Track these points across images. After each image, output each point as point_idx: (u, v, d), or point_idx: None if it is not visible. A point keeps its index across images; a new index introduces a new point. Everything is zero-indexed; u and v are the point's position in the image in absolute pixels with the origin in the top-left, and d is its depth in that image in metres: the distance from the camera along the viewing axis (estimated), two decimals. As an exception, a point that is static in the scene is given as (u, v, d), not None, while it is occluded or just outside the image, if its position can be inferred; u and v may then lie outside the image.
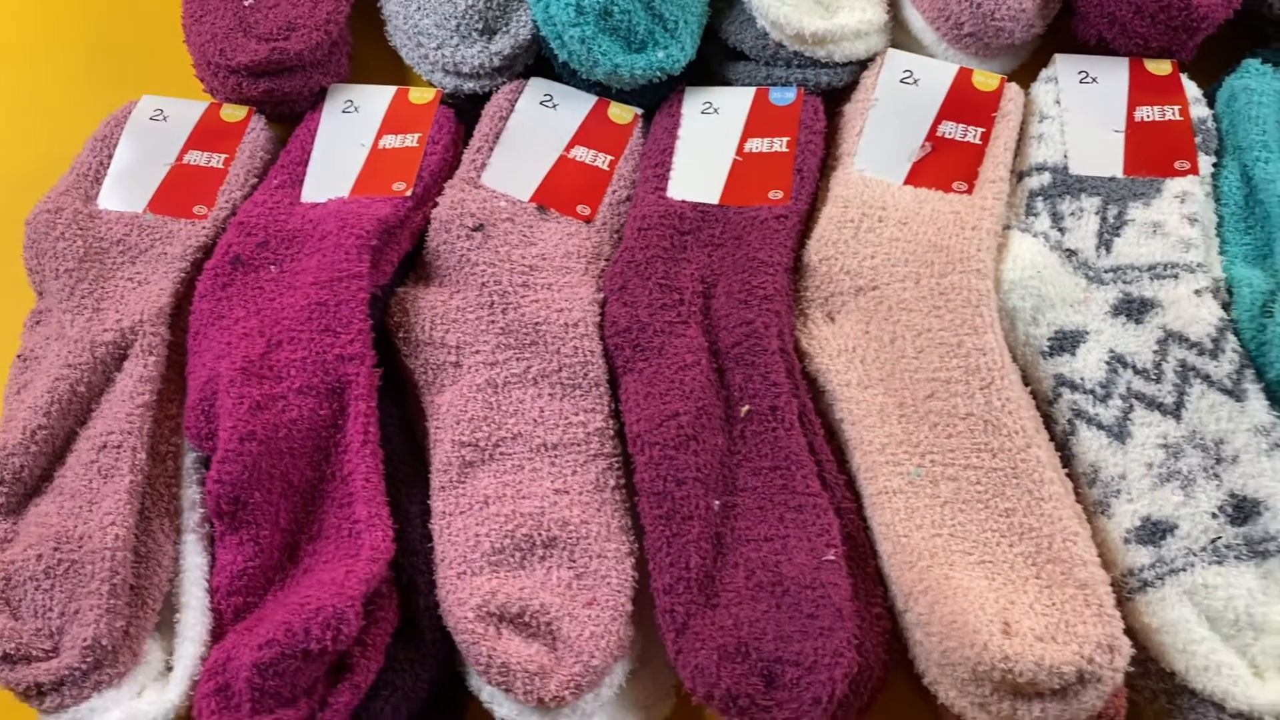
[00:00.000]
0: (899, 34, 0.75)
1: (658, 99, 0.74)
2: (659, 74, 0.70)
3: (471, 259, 0.66)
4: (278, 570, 0.60)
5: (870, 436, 0.61)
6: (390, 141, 0.71)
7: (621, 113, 0.73)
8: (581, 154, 0.71)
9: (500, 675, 0.55)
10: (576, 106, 0.72)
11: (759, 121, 0.71)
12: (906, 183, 0.68)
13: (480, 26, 0.72)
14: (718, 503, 0.58)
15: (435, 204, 0.68)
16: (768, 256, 0.65)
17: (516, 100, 0.72)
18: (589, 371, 0.63)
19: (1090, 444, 0.60)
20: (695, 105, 0.73)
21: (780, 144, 0.70)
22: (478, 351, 0.64)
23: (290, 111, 0.74)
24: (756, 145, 0.70)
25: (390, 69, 0.78)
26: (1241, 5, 0.73)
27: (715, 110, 0.72)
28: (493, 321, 0.64)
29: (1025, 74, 0.74)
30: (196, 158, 0.72)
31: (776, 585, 0.55)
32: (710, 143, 0.71)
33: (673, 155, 0.71)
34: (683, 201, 0.68)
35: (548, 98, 0.72)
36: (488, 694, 0.56)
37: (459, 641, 0.56)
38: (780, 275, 0.65)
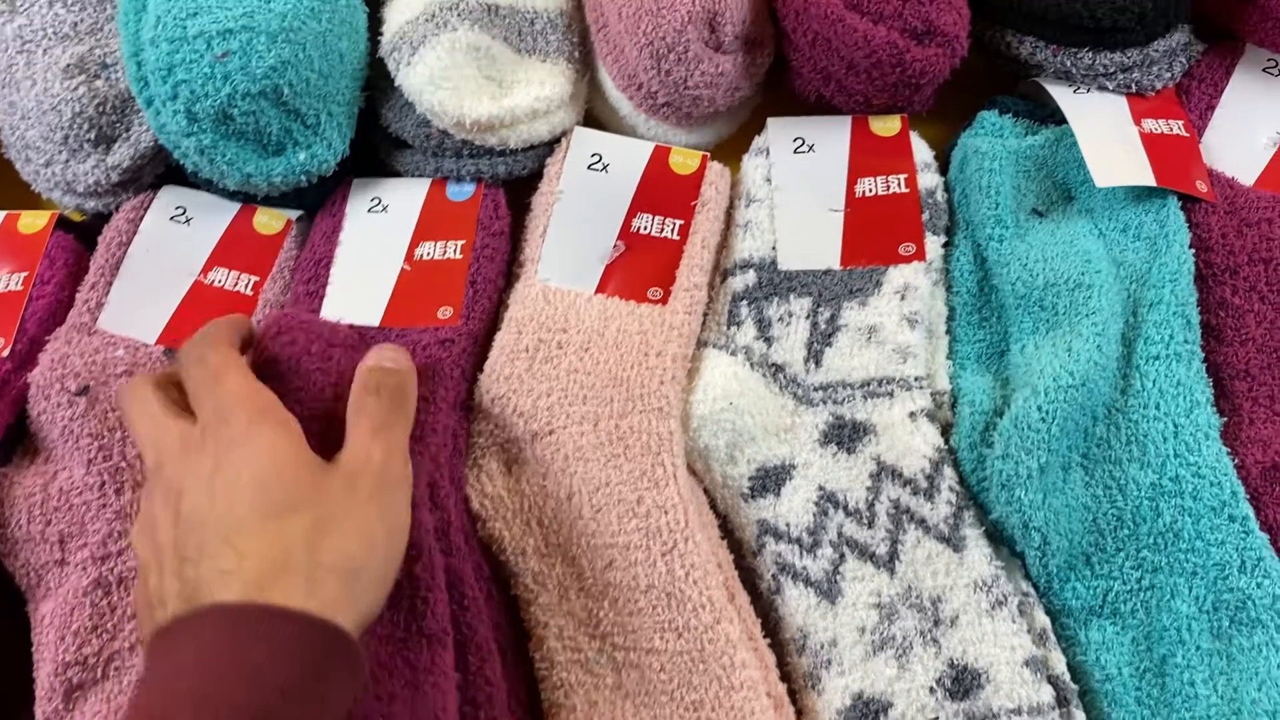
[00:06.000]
0: (597, 100, 0.65)
1: (321, 196, 0.63)
2: (303, 178, 0.60)
3: (76, 430, 0.55)
4: None
5: (546, 619, 0.52)
6: (-8, 284, 0.60)
7: (270, 221, 0.62)
8: (221, 277, 0.60)
9: None
10: (215, 218, 0.61)
11: (432, 221, 0.61)
12: (598, 291, 0.58)
13: (92, 136, 0.60)
14: None
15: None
16: (428, 390, 0.55)
17: (141, 218, 0.61)
18: (217, 561, 0.53)
19: (797, 604, 0.52)
20: (361, 202, 0.62)
21: (454, 249, 0.60)
22: (85, 545, 0.54)
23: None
24: (428, 250, 0.60)
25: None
26: (984, 43, 0.64)
27: (384, 208, 0.62)
28: (104, 505, 0.54)
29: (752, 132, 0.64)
30: None
31: None
32: (376, 249, 0.61)
33: (330, 266, 0.60)
34: (336, 324, 0.58)
35: (180, 211, 0.61)
36: None
37: None
38: (442, 413, 0.55)
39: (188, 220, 0.61)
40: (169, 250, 0.60)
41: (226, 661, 0.40)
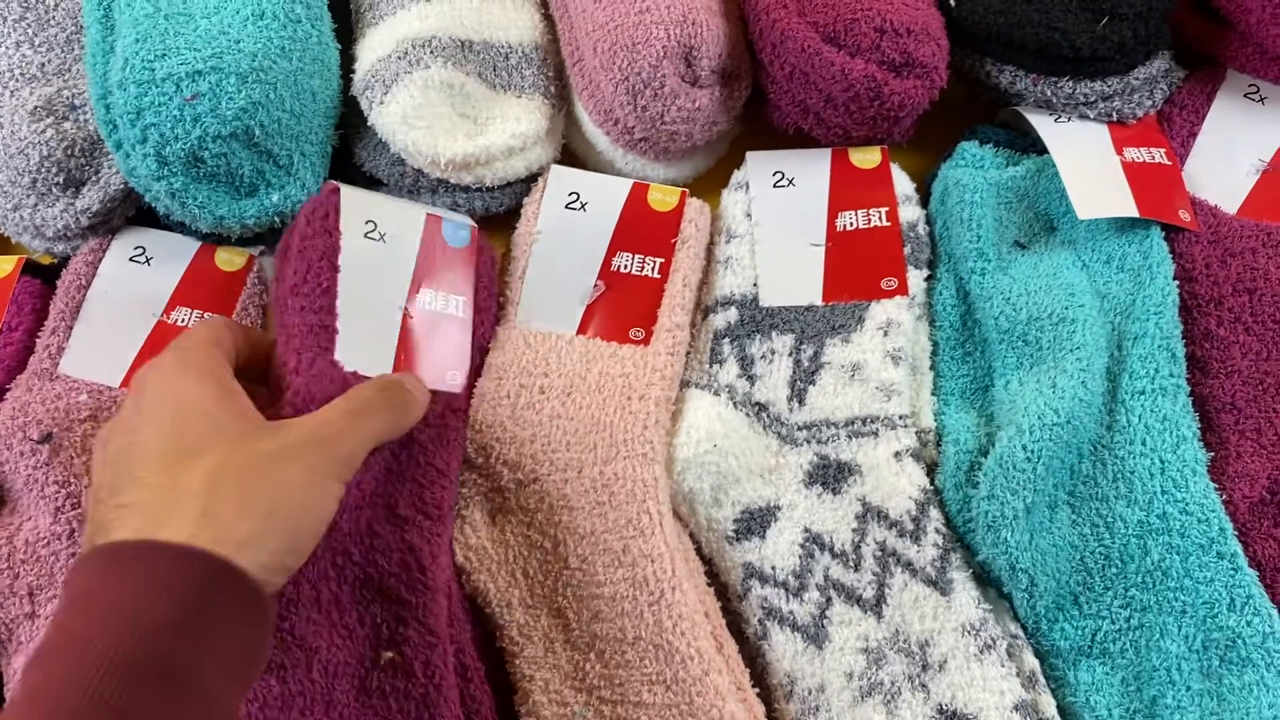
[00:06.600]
0: (574, 135, 0.64)
1: (295, 237, 0.62)
2: (276, 219, 0.59)
3: (40, 479, 0.54)
4: None
5: (532, 672, 0.51)
6: (-40, 332, 0.58)
7: (232, 257, 0.61)
8: (184, 316, 0.59)
9: None
10: (176, 257, 0.60)
11: (432, 266, 0.57)
12: (579, 332, 0.57)
13: (61, 180, 0.59)
14: None
15: (3, 412, 0.56)
16: (443, 462, 0.53)
17: (100, 260, 0.60)
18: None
19: (784, 649, 0.52)
20: (356, 225, 0.58)
21: (456, 304, 0.57)
22: (55, 596, 0.53)
23: None
24: (429, 302, 0.57)
25: None
26: (964, 72, 0.63)
27: (381, 237, 0.59)
28: (73, 555, 0.53)
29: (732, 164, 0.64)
30: None
31: None
32: (376, 286, 0.56)
33: (335, 299, 0.58)
34: (354, 374, 0.56)
35: (139, 251, 0.60)
36: None
37: None
38: (452, 486, 0.54)
39: (148, 260, 0.60)
40: (130, 292, 0.59)
41: (101, 602, 0.39)
